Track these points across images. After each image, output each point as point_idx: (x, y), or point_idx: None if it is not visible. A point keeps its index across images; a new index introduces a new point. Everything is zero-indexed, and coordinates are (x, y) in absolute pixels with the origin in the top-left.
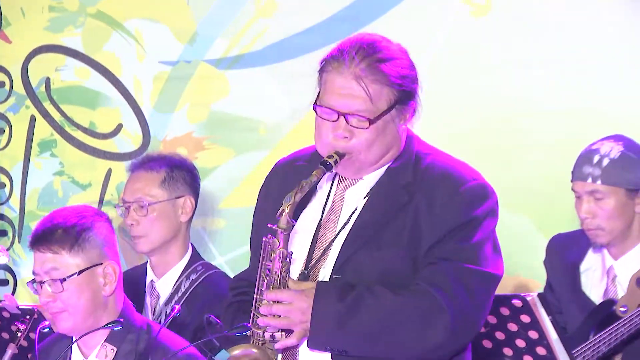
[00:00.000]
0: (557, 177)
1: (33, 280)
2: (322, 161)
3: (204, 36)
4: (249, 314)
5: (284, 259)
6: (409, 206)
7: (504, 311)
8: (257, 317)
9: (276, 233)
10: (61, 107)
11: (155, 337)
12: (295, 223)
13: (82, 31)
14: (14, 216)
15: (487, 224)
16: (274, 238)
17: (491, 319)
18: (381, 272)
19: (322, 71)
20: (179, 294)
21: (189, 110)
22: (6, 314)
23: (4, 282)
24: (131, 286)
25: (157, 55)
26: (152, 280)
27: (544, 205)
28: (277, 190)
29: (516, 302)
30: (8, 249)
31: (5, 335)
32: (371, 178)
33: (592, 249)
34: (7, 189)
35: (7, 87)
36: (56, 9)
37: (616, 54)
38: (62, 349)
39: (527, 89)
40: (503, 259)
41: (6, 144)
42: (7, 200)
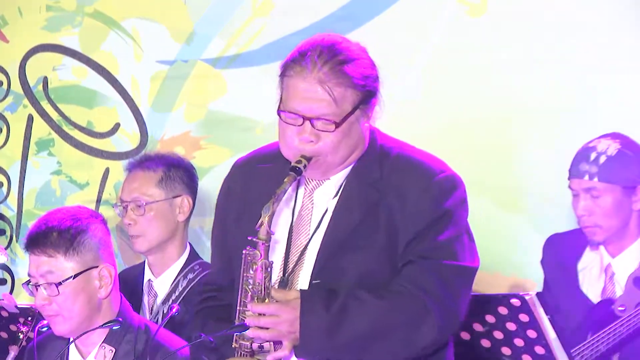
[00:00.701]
0: (553, 177)
1: (28, 282)
2: (292, 167)
3: (201, 36)
4: (221, 321)
5: (265, 269)
6: (380, 205)
7: (503, 310)
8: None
9: (257, 245)
10: (59, 107)
11: (154, 337)
12: (274, 234)
13: (79, 30)
14: (12, 215)
15: (460, 215)
16: (255, 250)
17: (490, 318)
18: (360, 274)
19: (283, 75)
20: (177, 293)
21: (186, 110)
22: (5, 313)
23: (2, 281)
24: (129, 285)
25: (155, 54)
26: (149, 280)
27: (540, 205)
28: (240, 191)
29: (514, 302)
30: (6, 248)
31: (4, 335)
32: (338, 177)
33: (589, 246)
34: (4, 188)
35: (5, 86)
36: (53, 9)
37: (613, 53)
38: (59, 345)
39: (522, 89)
40: (500, 258)
41: (4, 143)
42: (4, 199)
